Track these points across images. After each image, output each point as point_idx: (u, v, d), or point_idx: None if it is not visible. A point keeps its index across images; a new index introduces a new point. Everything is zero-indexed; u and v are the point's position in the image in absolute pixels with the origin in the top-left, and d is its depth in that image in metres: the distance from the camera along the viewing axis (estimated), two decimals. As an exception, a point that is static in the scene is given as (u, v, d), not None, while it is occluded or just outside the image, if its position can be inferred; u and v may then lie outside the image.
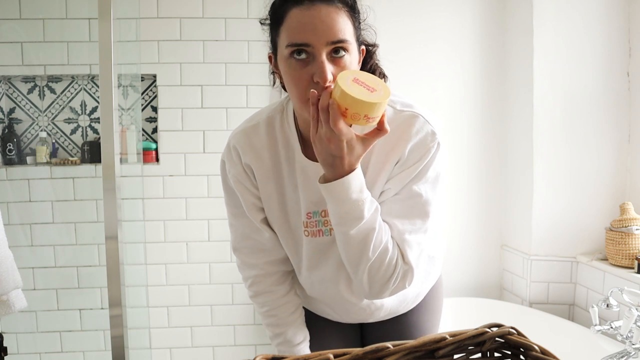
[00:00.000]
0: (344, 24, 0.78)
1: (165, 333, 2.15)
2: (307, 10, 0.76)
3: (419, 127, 0.86)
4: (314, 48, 0.76)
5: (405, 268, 0.86)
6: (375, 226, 0.83)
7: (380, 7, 2.05)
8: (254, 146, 0.94)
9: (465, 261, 2.20)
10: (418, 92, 2.10)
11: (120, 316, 1.28)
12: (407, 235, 0.87)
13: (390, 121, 0.87)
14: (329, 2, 0.77)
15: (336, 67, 0.78)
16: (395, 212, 0.87)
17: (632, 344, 1.33)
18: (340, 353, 0.59)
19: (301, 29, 0.77)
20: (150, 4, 2.04)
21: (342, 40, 0.77)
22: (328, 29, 0.76)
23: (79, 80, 2.12)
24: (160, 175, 2.10)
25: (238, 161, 0.95)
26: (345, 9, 0.79)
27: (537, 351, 0.59)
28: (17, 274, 1.18)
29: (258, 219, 0.98)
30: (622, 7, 1.88)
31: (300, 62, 0.78)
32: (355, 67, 0.82)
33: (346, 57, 0.78)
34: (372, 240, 0.82)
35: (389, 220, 0.87)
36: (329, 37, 0.76)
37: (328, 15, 0.77)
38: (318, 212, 0.93)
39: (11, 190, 2.03)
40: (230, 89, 2.09)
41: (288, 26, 0.78)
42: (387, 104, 0.88)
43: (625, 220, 1.73)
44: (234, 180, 0.96)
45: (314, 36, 0.76)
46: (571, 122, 1.92)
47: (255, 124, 0.95)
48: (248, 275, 1.04)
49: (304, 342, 1.05)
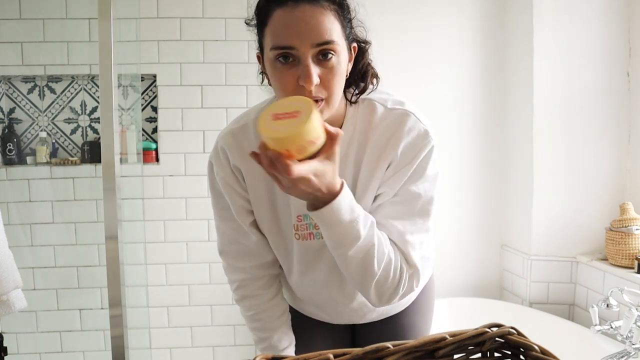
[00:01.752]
0: (330, 24, 0.75)
1: (165, 333, 2.15)
2: (290, 12, 0.73)
3: (410, 126, 0.85)
4: (298, 51, 0.74)
5: (411, 271, 0.85)
6: (374, 241, 0.80)
7: (380, 6, 2.05)
8: (242, 148, 0.91)
9: (465, 261, 2.20)
10: (418, 92, 2.10)
11: (120, 316, 1.27)
12: (409, 236, 0.85)
13: (381, 119, 0.86)
14: (314, 2, 0.74)
15: (323, 69, 0.76)
16: (394, 214, 0.86)
17: (632, 344, 1.33)
18: (340, 353, 0.59)
19: (285, 31, 0.74)
20: (150, 4, 2.04)
21: (328, 41, 0.74)
22: (312, 30, 0.73)
23: (79, 80, 2.12)
24: (160, 175, 2.10)
25: (226, 163, 0.93)
26: (332, 7, 0.75)
27: (537, 351, 0.59)
28: (17, 274, 1.18)
29: (247, 222, 0.96)
30: (622, 7, 1.88)
31: (286, 65, 0.76)
32: (345, 67, 0.80)
33: (333, 59, 0.76)
34: (373, 256, 0.80)
35: (389, 222, 0.85)
36: (313, 39, 0.73)
37: (313, 16, 0.73)
38: (308, 216, 0.91)
39: (11, 190, 2.03)
40: (230, 89, 2.09)
41: (272, 28, 0.76)
42: (378, 102, 0.88)
43: (625, 220, 1.73)
44: (222, 182, 0.94)
45: (298, 39, 0.73)
46: (571, 122, 1.92)
47: (244, 124, 0.93)
48: (234, 279, 1.02)
49: (289, 348, 1.03)
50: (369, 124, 0.87)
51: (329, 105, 0.79)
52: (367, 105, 0.88)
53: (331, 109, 0.80)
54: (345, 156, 0.88)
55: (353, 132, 0.88)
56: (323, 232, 0.79)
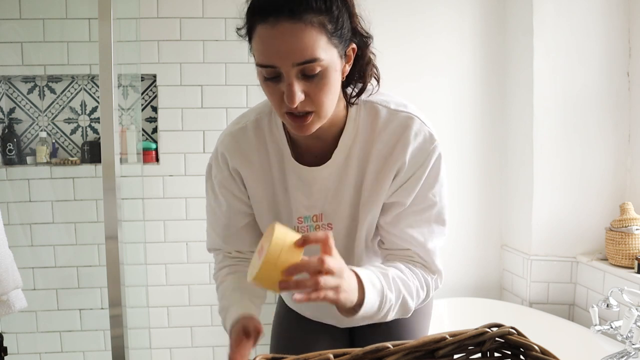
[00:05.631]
0: (313, 41, 0.70)
1: (165, 333, 2.15)
2: (271, 29, 0.70)
3: (417, 130, 0.84)
4: (281, 69, 0.72)
5: (435, 276, 0.89)
6: (402, 291, 0.82)
7: (379, 6, 2.05)
8: (242, 150, 0.91)
9: (465, 261, 2.19)
10: (418, 92, 2.10)
11: (120, 316, 1.28)
12: (430, 244, 0.87)
13: (386, 123, 0.85)
14: (294, 18, 0.69)
15: (309, 83, 0.74)
16: (413, 223, 0.87)
17: (632, 344, 1.33)
18: (340, 353, 0.59)
19: (266, 51, 0.72)
20: (150, 4, 2.03)
21: (310, 60, 0.71)
22: (293, 50, 0.70)
23: (79, 80, 2.12)
24: (160, 175, 2.10)
25: (225, 167, 0.93)
26: (316, 19, 0.71)
27: (537, 351, 0.59)
28: (17, 273, 1.18)
29: (239, 225, 0.96)
30: (622, 7, 1.88)
31: (272, 81, 0.75)
32: (338, 75, 0.77)
33: (320, 73, 0.73)
34: (407, 301, 0.83)
35: (409, 232, 0.87)
36: (294, 59, 0.71)
37: (293, 34, 0.70)
38: (309, 217, 0.91)
39: (11, 190, 2.03)
40: (230, 89, 2.09)
41: (255, 44, 0.74)
42: (380, 104, 0.87)
43: (625, 220, 1.73)
44: (219, 185, 0.94)
45: (279, 59, 0.71)
46: (571, 122, 1.92)
47: (243, 126, 0.92)
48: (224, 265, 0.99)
49: None
50: (373, 128, 0.86)
51: (319, 117, 0.78)
52: (370, 108, 0.87)
53: (323, 119, 0.79)
54: (347, 158, 0.87)
55: (355, 135, 0.87)
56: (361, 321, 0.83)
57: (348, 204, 0.90)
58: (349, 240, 0.93)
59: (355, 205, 0.90)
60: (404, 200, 0.86)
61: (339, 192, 0.89)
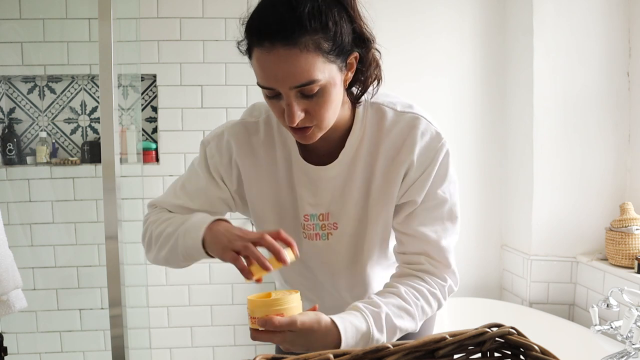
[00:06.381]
0: (309, 64, 0.71)
1: (165, 333, 2.15)
2: (267, 54, 0.71)
3: (423, 130, 0.85)
4: (280, 91, 0.74)
5: (448, 283, 0.87)
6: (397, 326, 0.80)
7: (379, 6, 2.05)
8: (251, 143, 0.91)
9: (465, 261, 2.19)
10: (418, 92, 2.10)
11: (120, 316, 1.28)
12: (444, 242, 0.87)
13: (393, 123, 0.86)
14: (289, 44, 0.69)
15: (309, 101, 0.75)
16: (426, 221, 0.87)
17: (632, 344, 1.33)
18: (340, 353, 0.59)
19: (264, 75, 0.74)
20: (150, 4, 2.04)
21: (307, 82, 0.72)
22: (289, 75, 0.71)
23: (79, 80, 2.12)
24: (160, 175, 2.10)
25: (227, 154, 0.91)
26: (311, 41, 0.70)
27: (537, 351, 0.59)
28: (17, 274, 1.18)
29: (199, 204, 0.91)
30: (622, 7, 1.88)
31: (272, 99, 0.76)
32: (339, 89, 0.77)
33: (319, 92, 0.74)
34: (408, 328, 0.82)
35: (422, 230, 0.86)
36: (290, 83, 0.72)
37: (287, 60, 0.70)
38: (316, 215, 0.91)
39: (11, 190, 2.03)
40: (230, 89, 2.09)
41: (254, 65, 0.75)
42: (387, 105, 0.87)
43: (625, 220, 1.73)
44: (213, 168, 0.92)
45: (276, 83, 0.73)
46: (571, 122, 1.92)
47: (256, 121, 0.92)
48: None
49: None
50: (380, 129, 0.86)
51: (320, 129, 0.80)
52: (376, 110, 0.87)
53: (324, 130, 0.80)
54: (353, 159, 0.88)
55: (362, 137, 0.87)
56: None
57: (355, 204, 0.90)
58: (356, 240, 0.93)
59: (363, 206, 0.90)
60: (416, 199, 0.86)
61: (345, 192, 0.89)
